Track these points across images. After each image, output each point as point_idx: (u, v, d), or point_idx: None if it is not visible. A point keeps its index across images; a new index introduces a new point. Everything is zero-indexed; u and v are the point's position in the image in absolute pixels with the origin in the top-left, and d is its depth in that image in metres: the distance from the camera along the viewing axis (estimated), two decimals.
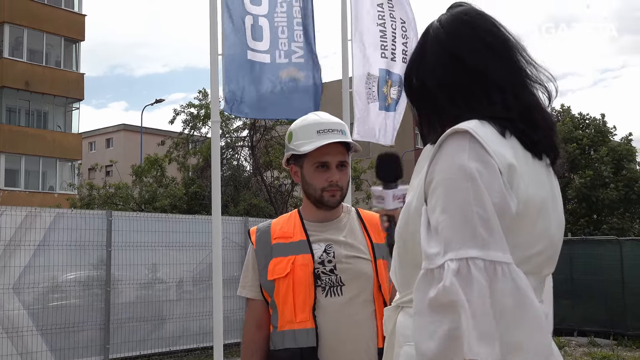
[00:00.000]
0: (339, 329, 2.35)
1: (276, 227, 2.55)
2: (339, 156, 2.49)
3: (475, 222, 1.24)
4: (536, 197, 1.37)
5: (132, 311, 10.25)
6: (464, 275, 1.21)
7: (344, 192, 2.50)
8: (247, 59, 5.01)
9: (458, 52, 1.48)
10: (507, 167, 1.32)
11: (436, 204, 1.31)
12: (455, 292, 1.20)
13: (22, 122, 32.04)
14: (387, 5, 6.21)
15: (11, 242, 8.97)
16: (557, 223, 1.47)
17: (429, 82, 1.51)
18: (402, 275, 1.53)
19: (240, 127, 22.80)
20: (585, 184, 23.52)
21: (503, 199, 1.29)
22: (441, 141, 1.36)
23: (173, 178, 23.24)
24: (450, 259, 1.23)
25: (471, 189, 1.27)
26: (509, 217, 1.30)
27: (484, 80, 1.45)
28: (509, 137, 1.38)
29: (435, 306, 1.24)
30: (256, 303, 2.53)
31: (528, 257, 1.37)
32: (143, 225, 10.50)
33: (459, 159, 1.31)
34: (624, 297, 12.51)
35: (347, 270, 2.40)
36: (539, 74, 1.50)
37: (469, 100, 1.44)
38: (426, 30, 1.57)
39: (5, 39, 30.65)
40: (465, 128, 1.33)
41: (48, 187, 32.38)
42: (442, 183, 1.31)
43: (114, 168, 25.18)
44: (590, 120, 26.07)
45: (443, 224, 1.27)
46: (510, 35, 1.52)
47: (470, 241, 1.23)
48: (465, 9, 1.56)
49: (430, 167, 1.36)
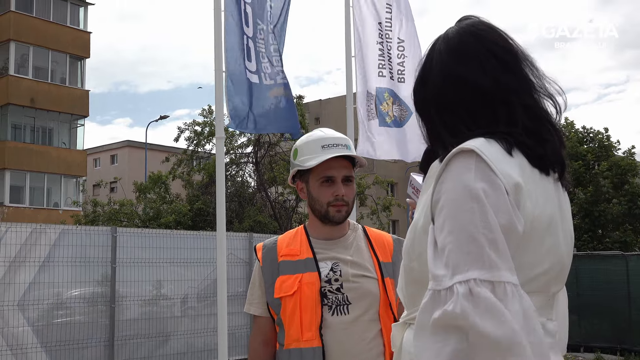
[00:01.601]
0: (346, 348, 2.35)
1: (282, 244, 2.54)
2: (344, 171, 2.49)
3: (482, 244, 1.23)
4: (543, 215, 1.36)
5: (136, 328, 10.22)
6: (474, 298, 1.20)
7: (350, 207, 2.50)
8: (246, 78, 5.10)
9: (464, 66, 1.46)
10: (513, 187, 1.30)
11: (443, 224, 1.30)
12: (466, 317, 1.19)
13: (27, 138, 32.15)
14: (385, 25, 6.27)
15: (16, 258, 8.96)
16: (565, 239, 1.45)
17: (434, 97, 1.49)
18: (409, 292, 1.52)
19: (244, 143, 22.88)
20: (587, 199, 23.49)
21: (510, 219, 1.27)
22: (447, 160, 1.34)
23: (178, 194, 23.28)
24: (459, 281, 1.22)
25: (477, 209, 1.26)
26: (516, 237, 1.29)
27: (490, 95, 1.42)
28: (516, 153, 1.37)
29: (439, 327, 1.23)
30: (262, 320, 2.52)
31: (535, 276, 1.35)
32: (148, 241, 10.49)
33: (466, 179, 1.29)
34: (630, 313, 12.45)
35: (353, 289, 2.40)
36: (548, 86, 1.48)
37: (474, 116, 1.43)
38: (433, 44, 1.55)
39: (11, 57, 30.83)
40: (471, 147, 1.32)
41: (53, 203, 32.42)
42: (449, 204, 1.30)
43: (118, 185, 25.22)
44: (594, 134, 26.06)
45: (450, 246, 1.26)
46: (519, 47, 1.50)
47: (477, 263, 1.22)
48: (473, 21, 1.54)
49: (437, 186, 1.35)
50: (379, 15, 6.23)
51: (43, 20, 32.07)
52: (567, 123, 26.29)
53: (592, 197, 23.53)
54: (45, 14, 32.37)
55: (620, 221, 24.05)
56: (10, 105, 30.73)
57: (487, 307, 1.18)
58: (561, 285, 1.47)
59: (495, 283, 1.20)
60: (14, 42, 30.98)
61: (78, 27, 34.06)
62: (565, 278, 1.48)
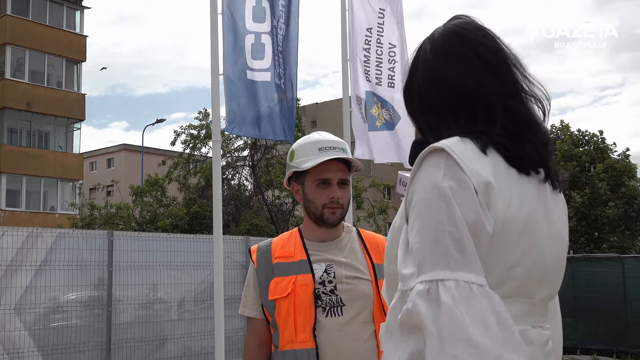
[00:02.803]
0: (340, 349, 2.36)
1: (277, 246, 2.55)
2: (340, 174, 2.50)
3: (447, 243, 1.22)
4: (519, 215, 1.33)
5: (133, 331, 10.20)
6: (433, 297, 1.18)
7: (344, 210, 2.51)
8: (247, 79, 5.06)
9: (447, 66, 1.45)
10: (483, 186, 1.29)
11: (414, 223, 1.29)
12: (419, 314, 1.18)
13: (23, 142, 32.11)
14: (377, 30, 6.31)
15: (12, 262, 8.95)
16: (551, 242, 1.41)
17: (419, 97, 1.49)
18: (390, 295, 1.50)
19: (241, 146, 22.89)
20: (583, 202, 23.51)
21: (477, 218, 1.26)
22: (420, 159, 1.34)
23: (174, 198, 23.26)
24: (421, 281, 1.21)
25: (445, 208, 1.25)
26: (485, 237, 1.27)
27: (471, 95, 1.41)
28: (491, 152, 1.35)
29: (403, 327, 1.23)
30: (257, 322, 2.53)
31: (508, 279, 1.32)
32: (144, 245, 10.48)
33: (434, 178, 1.28)
34: (626, 315, 12.48)
35: (347, 291, 2.41)
36: (534, 88, 1.47)
37: (455, 116, 1.41)
38: (420, 45, 1.55)
39: (7, 60, 30.81)
40: (442, 146, 1.31)
41: (49, 207, 32.38)
42: (419, 203, 1.29)
43: (115, 188, 25.20)
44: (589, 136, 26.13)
45: (417, 245, 1.25)
46: (506, 47, 1.48)
47: (441, 262, 1.21)
48: (460, 21, 1.53)
49: (410, 186, 1.34)
50: (369, 20, 6.27)
51: (39, 24, 32.05)
52: (563, 126, 26.38)
53: (588, 200, 23.57)
54: (41, 17, 32.36)
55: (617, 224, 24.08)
56: (6, 109, 30.68)
57: (443, 307, 1.17)
58: (549, 291, 1.42)
59: (459, 282, 1.19)
60: (10, 46, 30.95)
61: (74, 30, 34.04)
62: (554, 283, 1.44)
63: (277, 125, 5.34)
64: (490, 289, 1.21)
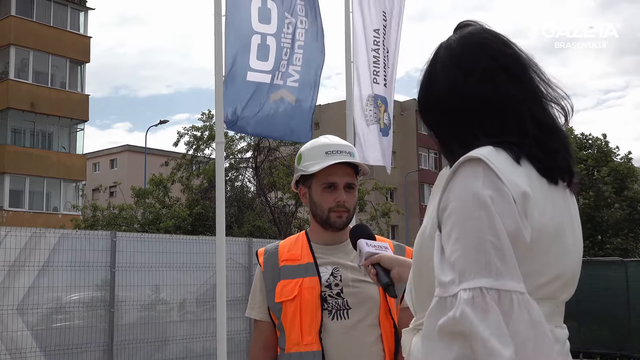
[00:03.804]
0: (345, 352, 2.36)
1: (284, 249, 2.55)
2: (347, 178, 2.50)
3: (489, 251, 1.23)
4: (551, 224, 1.36)
5: (135, 332, 10.21)
6: (479, 305, 1.20)
7: (351, 214, 2.51)
8: (246, 80, 5.05)
9: (469, 77, 1.44)
10: (521, 196, 1.30)
11: (450, 232, 1.30)
12: (468, 323, 1.19)
13: (27, 143, 32.15)
14: (382, 32, 6.31)
15: (15, 262, 8.96)
16: (575, 247, 1.45)
17: (441, 108, 1.48)
18: (418, 298, 1.53)
19: (244, 148, 22.90)
20: (589, 205, 23.50)
21: (517, 227, 1.27)
22: (455, 168, 1.34)
23: (177, 199, 23.28)
24: (464, 288, 1.22)
25: (485, 217, 1.26)
26: (523, 246, 1.29)
27: (498, 104, 1.41)
28: (524, 162, 1.36)
29: (444, 333, 1.24)
30: (264, 325, 2.54)
31: (542, 284, 1.35)
32: (147, 246, 10.49)
33: (473, 187, 1.29)
34: (629, 319, 12.45)
35: (353, 294, 2.41)
36: (554, 91, 1.47)
37: (482, 125, 1.41)
38: (435, 53, 1.53)
39: (11, 61, 30.87)
40: (479, 156, 1.32)
41: (52, 207, 32.42)
42: (456, 211, 1.30)
43: (118, 189, 25.23)
44: (593, 140, 26.13)
45: (457, 254, 1.26)
46: (523, 53, 1.48)
47: (483, 270, 1.22)
48: (475, 28, 1.51)
49: (444, 194, 1.35)
50: (374, 23, 6.27)
51: (43, 25, 32.11)
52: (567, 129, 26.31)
53: (594, 203, 23.56)
54: (46, 18, 32.42)
55: (620, 227, 24.07)
56: (10, 110, 30.74)
57: (489, 316, 1.19)
58: (571, 292, 1.46)
59: (502, 292, 1.21)
60: (14, 47, 31.01)
61: (78, 31, 34.10)
62: (574, 286, 1.48)
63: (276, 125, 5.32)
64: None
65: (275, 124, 5.30)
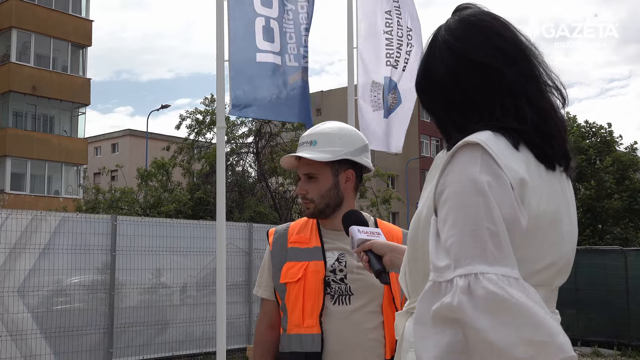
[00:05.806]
0: (345, 336, 2.37)
1: (293, 231, 2.58)
2: (304, 168, 2.50)
3: (485, 238, 1.23)
4: (547, 210, 1.35)
5: (135, 315, 10.26)
6: (472, 291, 1.19)
7: (316, 204, 2.47)
8: (256, 62, 5.00)
9: (469, 59, 1.42)
10: (518, 182, 1.30)
11: (446, 216, 1.29)
12: (463, 311, 1.19)
13: (28, 126, 32.15)
14: (395, 13, 6.22)
15: (16, 245, 9.00)
16: (570, 234, 1.45)
17: (440, 90, 1.47)
18: (411, 282, 1.53)
19: (245, 133, 22.87)
20: (590, 195, 23.48)
21: (514, 213, 1.27)
22: (452, 152, 1.33)
23: (178, 183, 23.30)
24: (459, 274, 1.21)
25: (482, 203, 1.25)
26: (519, 232, 1.29)
27: (497, 88, 1.40)
28: (522, 148, 1.36)
29: (437, 318, 1.24)
30: (270, 304, 2.57)
31: (537, 271, 1.36)
32: (148, 230, 10.52)
33: (471, 172, 1.28)
34: (628, 307, 12.49)
35: (356, 281, 2.42)
36: (553, 77, 1.46)
37: (480, 110, 1.40)
38: (434, 36, 1.51)
39: (13, 44, 30.79)
40: (477, 141, 1.31)
41: (53, 191, 32.47)
42: (453, 196, 1.29)
43: (119, 173, 25.25)
44: (597, 128, 26.04)
45: (453, 239, 1.25)
46: (523, 36, 1.47)
47: (479, 257, 1.21)
48: (473, 11, 1.50)
49: (441, 178, 1.34)
50: (384, 4, 6.19)
51: (45, 8, 31.99)
52: (570, 118, 26.24)
53: (595, 193, 23.54)
54: (48, 1, 32.30)
55: (621, 216, 24.07)
56: (11, 93, 30.71)
57: (485, 302, 1.18)
58: (565, 278, 1.47)
59: (497, 277, 1.20)
60: (16, 30, 30.92)
61: (80, 15, 33.97)
62: (569, 271, 1.48)
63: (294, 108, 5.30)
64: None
65: (293, 106, 5.28)
